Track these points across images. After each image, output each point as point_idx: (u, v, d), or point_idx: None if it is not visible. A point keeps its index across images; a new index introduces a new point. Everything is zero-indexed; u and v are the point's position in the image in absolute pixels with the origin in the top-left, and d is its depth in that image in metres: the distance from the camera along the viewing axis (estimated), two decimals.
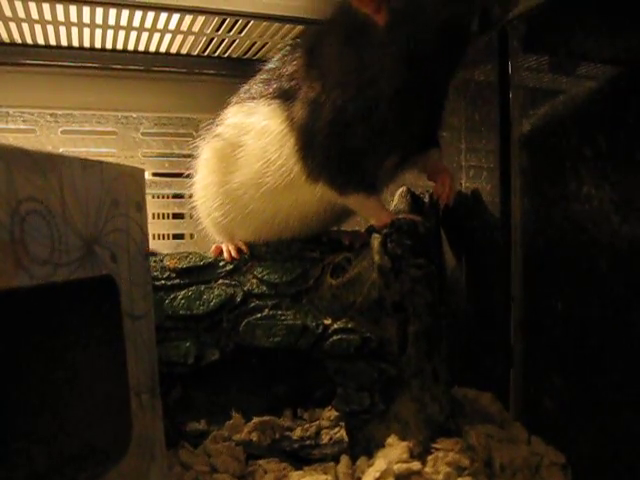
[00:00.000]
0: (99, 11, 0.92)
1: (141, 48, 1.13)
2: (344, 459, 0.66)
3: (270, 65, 0.77)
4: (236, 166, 0.76)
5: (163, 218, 1.24)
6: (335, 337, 0.68)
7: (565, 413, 0.72)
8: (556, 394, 0.73)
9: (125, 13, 0.93)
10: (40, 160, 0.43)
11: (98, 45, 1.10)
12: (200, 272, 0.75)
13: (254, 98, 0.75)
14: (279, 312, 0.71)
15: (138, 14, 0.94)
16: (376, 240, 0.67)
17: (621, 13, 0.64)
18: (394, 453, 0.63)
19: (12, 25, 0.97)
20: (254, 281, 0.74)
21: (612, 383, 0.65)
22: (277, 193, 0.73)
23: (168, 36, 1.07)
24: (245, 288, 0.73)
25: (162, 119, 1.21)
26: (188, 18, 0.98)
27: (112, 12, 0.93)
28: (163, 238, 1.25)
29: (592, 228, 0.66)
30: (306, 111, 0.69)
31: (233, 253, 0.77)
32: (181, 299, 0.73)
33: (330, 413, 0.69)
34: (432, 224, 0.79)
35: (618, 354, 0.64)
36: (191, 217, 0.91)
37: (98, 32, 1.02)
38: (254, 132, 0.74)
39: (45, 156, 0.44)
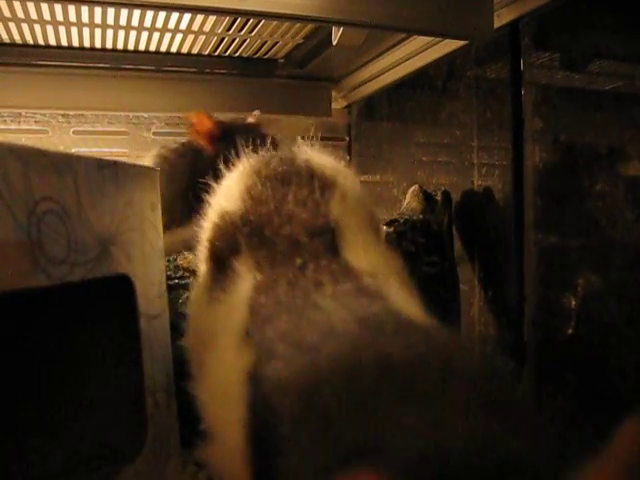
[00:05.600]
0: (110, 11, 0.92)
1: (152, 48, 1.14)
2: None
3: None
4: None
5: None
6: None
7: (579, 412, 0.71)
8: (569, 393, 0.73)
9: (136, 13, 0.94)
10: (56, 160, 0.43)
11: (109, 45, 1.10)
12: None
13: None
14: None
15: (149, 14, 0.94)
16: (390, 237, 0.67)
17: (633, 10, 0.63)
18: None
19: (24, 26, 0.98)
20: None
21: (627, 382, 0.64)
22: None
23: (179, 36, 1.07)
24: None
25: (173, 119, 1.21)
26: (199, 18, 0.98)
27: (124, 12, 0.93)
28: None
29: (606, 226, 0.66)
30: None
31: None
32: None
33: None
34: (445, 222, 0.79)
35: (633, 352, 0.63)
36: None
37: (109, 32, 1.02)
38: None
39: (61, 156, 0.44)
